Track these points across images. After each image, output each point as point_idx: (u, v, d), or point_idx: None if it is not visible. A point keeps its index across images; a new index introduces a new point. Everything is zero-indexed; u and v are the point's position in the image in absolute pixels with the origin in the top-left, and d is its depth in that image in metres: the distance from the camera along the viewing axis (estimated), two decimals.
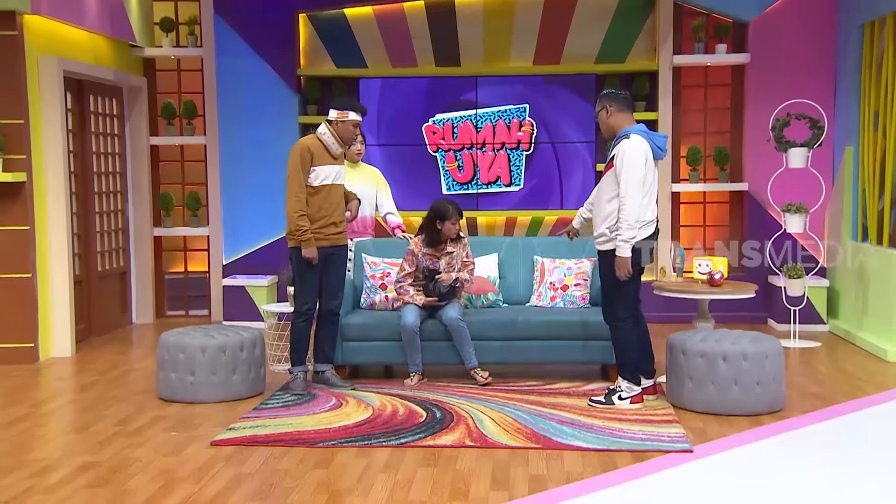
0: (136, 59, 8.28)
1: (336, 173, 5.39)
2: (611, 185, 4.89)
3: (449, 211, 5.58)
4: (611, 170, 4.90)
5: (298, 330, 5.43)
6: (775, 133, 7.18)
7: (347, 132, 5.35)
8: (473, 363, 5.58)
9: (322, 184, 5.33)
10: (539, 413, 4.93)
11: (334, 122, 5.32)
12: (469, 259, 5.74)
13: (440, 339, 5.65)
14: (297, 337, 5.45)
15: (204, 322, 8.21)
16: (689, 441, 4.41)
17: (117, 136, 8.11)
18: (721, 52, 7.90)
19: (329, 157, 5.35)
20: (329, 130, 5.34)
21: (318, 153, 5.32)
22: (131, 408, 5.22)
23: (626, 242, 4.83)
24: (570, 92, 8.08)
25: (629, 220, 4.81)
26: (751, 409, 4.88)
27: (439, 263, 5.67)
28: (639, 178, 4.81)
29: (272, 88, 8.18)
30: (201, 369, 5.25)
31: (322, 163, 5.32)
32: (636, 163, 4.81)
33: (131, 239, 8.32)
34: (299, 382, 5.43)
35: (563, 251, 6.07)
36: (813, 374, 6.00)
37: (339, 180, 5.42)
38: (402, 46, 8.27)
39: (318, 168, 5.30)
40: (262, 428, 4.70)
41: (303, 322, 5.43)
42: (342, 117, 5.30)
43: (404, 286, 5.70)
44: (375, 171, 6.37)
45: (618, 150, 4.87)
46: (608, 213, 4.90)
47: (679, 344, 5.06)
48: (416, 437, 4.53)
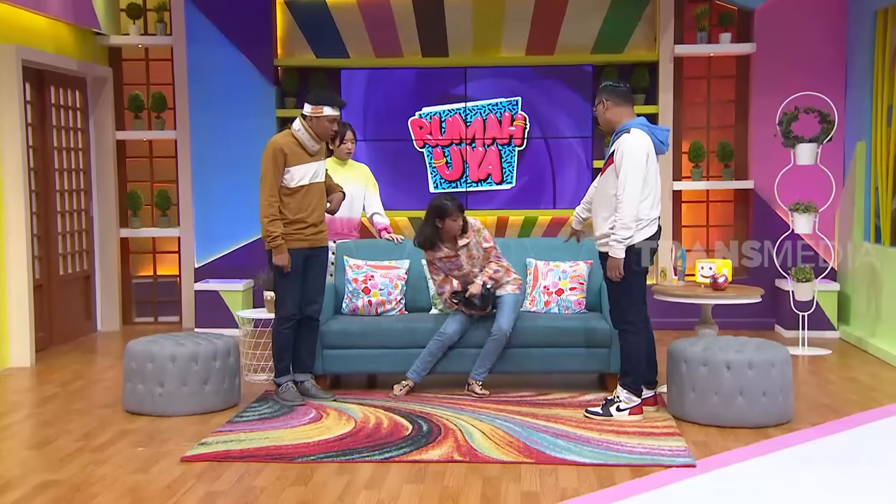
0: (101, 47, 8.25)
1: (314, 172, 5.36)
2: (612, 181, 4.90)
3: (448, 207, 5.52)
4: (611, 166, 4.92)
5: (283, 337, 5.43)
6: (782, 128, 7.22)
7: (323, 128, 5.32)
8: (479, 378, 5.58)
9: (298, 185, 5.31)
10: (532, 426, 4.93)
11: (309, 118, 5.29)
12: (489, 242, 5.66)
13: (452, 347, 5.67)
14: (282, 344, 5.44)
15: (174, 329, 8.18)
16: (691, 455, 4.42)
17: (81, 131, 8.08)
18: (725, 41, 7.94)
19: (305, 154, 5.33)
20: (304, 126, 5.31)
21: (292, 152, 5.29)
22: (95, 422, 5.19)
23: (619, 243, 4.85)
24: (564, 84, 8.10)
25: (625, 220, 4.82)
26: (756, 421, 4.90)
27: (459, 261, 5.65)
28: (639, 175, 4.82)
29: (247, 80, 8.16)
30: (171, 380, 5.23)
31: (297, 162, 5.29)
32: (637, 159, 4.83)
33: (96, 240, 8.29)
34: (292, 392, 5.43)
35: (558, 253, 6.08)
36: (823, 383, 6.02)
37: (317, 178, 5.40)
38: (386, 35, 8.27)
39: (292, 169, 5.28)
40: (236, 442, 4.68)
41: (287, 328, 5.43)
42: (317, 112, 5.27)
43: (445, 295, 5.67)
44: (365, 170, 6.37)
45: (618, 144, 4.88)
46: (611, 212, 4.91)
47: (680, 352, 5.08)
48: (402, 451, 4.53)
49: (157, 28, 8.30)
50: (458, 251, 5.63)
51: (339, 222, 6.15)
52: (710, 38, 8.03)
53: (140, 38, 8.28)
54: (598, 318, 5.82)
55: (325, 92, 5.42)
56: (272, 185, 5.25)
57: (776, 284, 7.80)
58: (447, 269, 5.68)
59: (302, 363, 5.58)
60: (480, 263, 5.65)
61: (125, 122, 8.49)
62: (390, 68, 8.22)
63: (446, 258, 5.65)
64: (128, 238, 8.54)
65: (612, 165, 4.91)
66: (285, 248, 5.29)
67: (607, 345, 5.63)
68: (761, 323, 7.87)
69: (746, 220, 8.19)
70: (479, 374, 5.60)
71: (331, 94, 5.40)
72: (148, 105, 8.45)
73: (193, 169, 8.24)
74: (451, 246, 5.63)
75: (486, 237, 5.65)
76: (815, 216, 7.18)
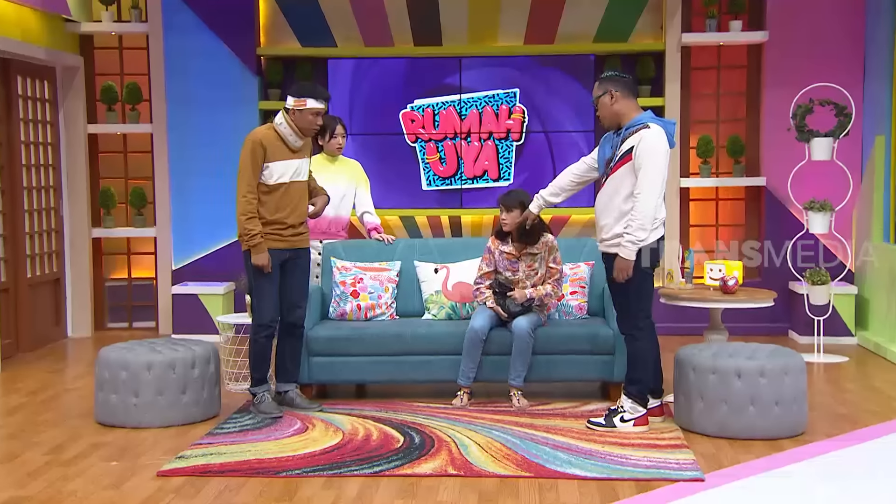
0: (72, 35, 8.24)
1: (295, 169, 5.35)
2: (628, 180, 4.90)
3: (504, 200, 5.61)
4: (627, 164, 4.91)
5: (259, 345, 5.43)
6: (796, 121, 7.24)
7: (306, 122, 5.30)
8: (518, 383, 5.59)
9: (278, 181, 5.30)
10: (531, 437, 4.94)
11: (291, 111, 5.28)
12: (556, 266, 5.69)
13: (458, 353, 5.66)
14: (258, 353, 5.44)
15: (150, 335, 8.17)
16: (699, 469, 4.43)
17: (50, 124, 8.06)
18: (735, 29, 7.96)
19: (286, 150, 5.32)
20: (286, 120, 5.30)
21: (272, 147, 5.28)
22: (65, 434, 5.18)
23: (633, 244, 4.86)
24: (565, 75, 8.12)
25: (643, 221, 4.84)
26: (769, 432, 4.91)
27: (518, 265, 5.67)
28: (660, 175, 4.86)
29: (228, 70, 8.16)
30: (146, 389, 5.22)
31: (277, 158, 5.28)
32: (660, 158, 4.85)
33: (66, 241, 8.28)
34: (269, 403, 5.42)
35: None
36: (839, 392, 6.04)
37: (299, 177, 5.39)
38: (376, 23, 8.27)
39: (272, 164, 5.27)
40: (216, 456, 4.68)
41: (264, 336, 5.42)
42: (300, 105, 5.25)
43: (481, 288, 5.73)
44: (356, 166, 6.38)
45: (637, 141, 4.88)
46: (625, 212, 4.92)
47: (688, 359, 5.09)
48: (392, 464, 4.53)
49: (131, 14, 8.30)
50: (522, 256, 5.65)
51: (327, 221, 6.15)
52: (720, 25, 8.05)
53: (113, 24, 8.27)
54: (601, 323, 5.83)
55: (309, 84, 5.40)
56: (250, 180, 5.24)
57: (790, 287, 7.82)
58: (502, 266, 5.70)
59: (286, 372, 5.57)
60: (536, 281, 5.68)
61: (97, 114, 8.48)
62: (380, 58, 8.22)
63: (508, 255, 5.68)
64: (100, 238, 8.53)
65: (627, 163, 4.91)
66: (265, 247, 5.28)
67: (611, 351, 5.64)
68: (774, 328, 7.89)
69: (758, 219, 8.21)
70: (517, 379, 5.58)
71: (315, 85, 5.38)
72: (122, 97, 8.45)
73: (171, 165, 8.24)
74: (519, 247, 5.66)
75: (557, 259, 5.69)
76: (831, 215, 7.20)
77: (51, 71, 8.08)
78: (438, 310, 6.04)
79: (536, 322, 5.61)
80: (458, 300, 5.98)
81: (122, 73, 8.59)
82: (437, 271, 6.04)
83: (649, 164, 4.82)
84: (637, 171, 4.85)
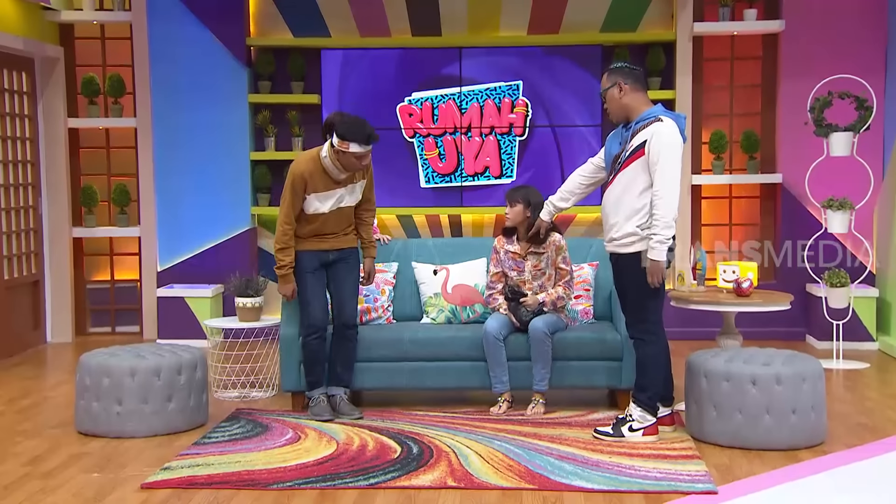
0: (51, 24, 8.24)
1: (338, 197, 5.52)
2: (641, 176, 4.91)
3: (508, 193, 5.70)
4: (639, 159, 4.92)
5: (310, 348, 5.55)
6: (814, 115, 7.24)
7: (349, 163, 5.45)
8: (542, 387, 5.61)
9: (317, 213, 5.50)
10: (535, 447, 4.94)
11: (336, 149, 5.42)
12: (566, 267, 5.73)
13: (464, 360, 5.70)
14: (307, 356, 5.58)
15: (134, 340, 8.17)
16: (712, 481, 4.44)
17: (28, 118, 8.07)
18: (750, 18, 7.96)
19: (330, 181, 5.48)
20: (330, 155, 5.45)
21: (314, 179, 5.44)
22: (45, 444, 5.18)
23: (662, 244, 4.88)
24: (572, 65, 8.12)
25: (667, 218, 4.86)
26: (785, 442, 4.91)
27: (524, 265, 5.69)
28: (678, 169, 4.89)
29: (217, 61, 8.17)
30: (130, 397, 5.22)
31: (319, 189, 5.46)
32: (676, 151, 4.88)
33: (45, 241, 8.28)
34: (320, 406, 5.54)
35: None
36: (860, 400, 6.04)
37: (341, 204, 5.54)
38: (372, 12, 8.28)
39: (311, 197, 5.46)
40: (203, 467, 4.68)
41: (314, 339, 5.54)
42: (342, 147, 5.39)
43: (494, 294, 5.79)
44: None
45: (650, 135, 4.89)
46: (637, 210, 4.94)
47: (700, 365, 5.09)
48: (389, 476, 4.53)
49: (114, 2, 8.30)
50: (527, 255, 5.68)
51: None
52: (734, 14, 8.05)
53: (95, 13, 8.27)
54: (607, 327, 5.83)
55: (356, 125, 5.44)
56: (288, 212, 5.46)
57: (807, 290, 7.83)
58: (507, 265, 5.74)
59: (335, 376, 5.67)
60: (545, 282, 5.70)
61: (78, 108, 8.48)
62: (376, 49, 8.22)
63: (514, 254, 5.72)
64: (81, 238, 8.53)
65: (639, 159, 4.91)
66: (291, 279, 5.52)
67: (618, 357, 5.64)
68: (791, 333, 7.89)
69: (774, 218, 8.22)
70: (541, 383, 5.61)
71: (362, 127, 5.43)
72: (104, 89, 8.45)
73: (156, 161, 8.24)
74: (525, 246, 5.69)
75: (566, 259, 5.73)
76: (850, 214, 7.21)
77: (29, 62, 8.08)
78: (438, 313, 6.04)
79: (555, 324, 5.63)
80: (459, 303, 5.98)
81: (104, 64, 8.59)
82: (436, 273, 6.05)
83: (666, 160, 4.84)
84: (652, 168, 4.87)
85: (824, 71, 7.51)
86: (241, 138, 8.21)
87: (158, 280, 8.27)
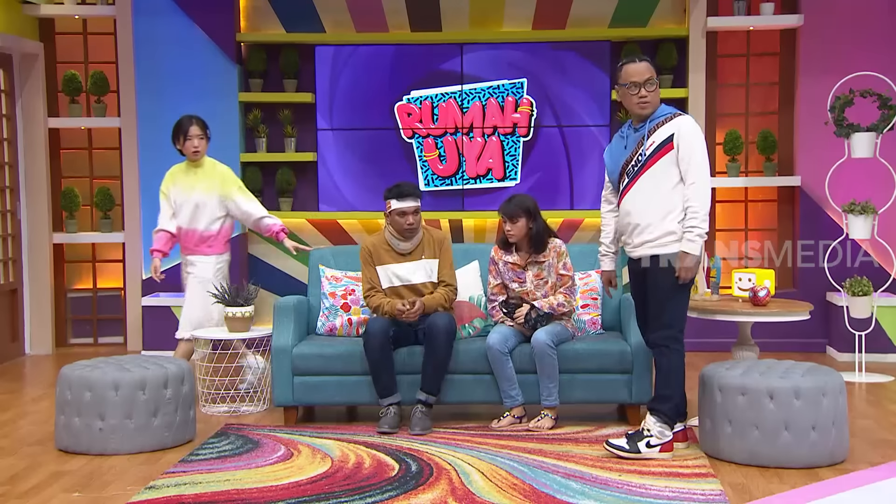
0: (30, 18, 8.26)
1: (405, 271, 5.68)
2: (671, 170, 4.98)
3: (506, 209, 5.70)
4: (667, 154, 4.95)
5: (372, 356, 5.58)
6: (835, 114, 7.25)
7: (397, 224, 5.62)
8: (551, 402, 5.63)
9: (389, 286, 5.72)
10: (540, 464, 4.95)
11: (387, 215, 5.59)
12: (567, 272, 5.74)
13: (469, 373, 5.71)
14: (370, 364, 5.60)
15: (118, 352, 8.18)
16: (727, 500, 4.44)
17: (6, 117, 8.08)
18: (767, 12, 7.98)
19: (395, 254, 5.67)
20: (387, 224, 5.65)
21: (377, 252, 5.72)
22: (23, 462, 5.18)
23: (700, 237, 4.95)
24: (580, 61, 8.13)
25: (703, 210, 4.94)
26: (805, 460, 4.91)
27: (525, 276, 5.72)
28: (707, 160, 5.01)
29: (205, 58, 8.19)
30: (113, 412, 5.22)
31: (384, 262, 5.67)
32: (703, 142, 5.03)
33: (24, 248, 8.29)
34: (390, 417, 5.56)
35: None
36: (883, 415, 6.04)
37: (414, 280, 5.68)
38: (368, 6, 8.30)
39: (379, 269, 5.72)
40: (190, 486, 4.69)
41: (375, 345, 5.56)
42: (388, 208, 5.58)
43: (496, 306, 5.81)
44: (221, 173, 6.47)
45: (678, 127, 4.97)
46: (674, 205, 4.98)
47: (715, 378, 5.09)
48: (387, 495, 4.54)
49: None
50: (528, 265, 5.70)
51: (183, 234, 6.42)
52: (750, 8, 8.07)
53: (77, 7, 8.29)
54: (617, 339, 5.83)
55: (396, 184, 5.67)
56: (368, 280, 5.72)
57: (828, 299, 7.83)
58: (507, 277, 5.76)
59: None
60: (547, 290, 5.72)
61: (59, 107, 8.50)
62: (373, 44, 8.24)
63: (514, 265, 5.74)
64: (62, 244, 8.54)
65: (668, 154, 4.95)
66: (391, 315, 5.63)
67: (628, 371, 5.65)
68: (810, 344, 7.90)
69: (792, 222, 8.23)
70: (549, 398, 5.62)
71: (400, 184, 5.61)
72: (86, 87, 8.47)
73: (141, 163, 8.25)
74: (524, 256, 5.72)
75: (567, 265, 5.75)
76: (873, 218, 7.21)
77: (7, 59, 8.10)
78: None
79: (559, 334, 5.63)
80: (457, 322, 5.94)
81: (86, 61, 8.61)
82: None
83: (698, 151, 4.97)
84: (684, 160, 4.96)
85: (845, 68, 7.52)
86: (231, 139, 8.22)
87: (143, 288, 8.28)
